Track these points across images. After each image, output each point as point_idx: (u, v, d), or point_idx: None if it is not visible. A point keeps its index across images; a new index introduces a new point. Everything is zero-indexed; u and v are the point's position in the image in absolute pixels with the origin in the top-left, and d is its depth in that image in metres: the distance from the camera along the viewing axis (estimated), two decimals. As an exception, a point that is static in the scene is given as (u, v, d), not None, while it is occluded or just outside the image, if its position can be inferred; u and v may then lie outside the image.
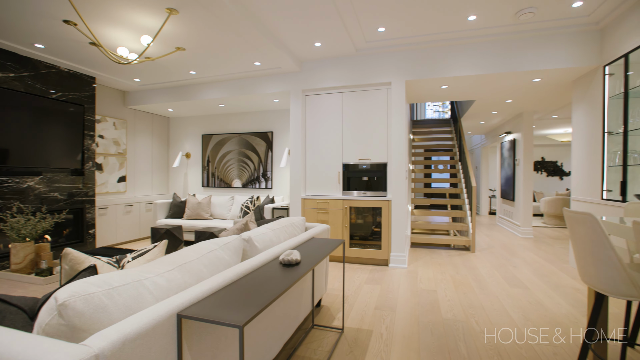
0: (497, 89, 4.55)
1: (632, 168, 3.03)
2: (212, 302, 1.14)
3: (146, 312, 0.97)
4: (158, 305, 1.03)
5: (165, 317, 0.99)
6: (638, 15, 2.92)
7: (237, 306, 1.11)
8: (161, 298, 1.12)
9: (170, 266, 1.27)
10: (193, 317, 1.02)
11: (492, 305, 2.87)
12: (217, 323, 0.99)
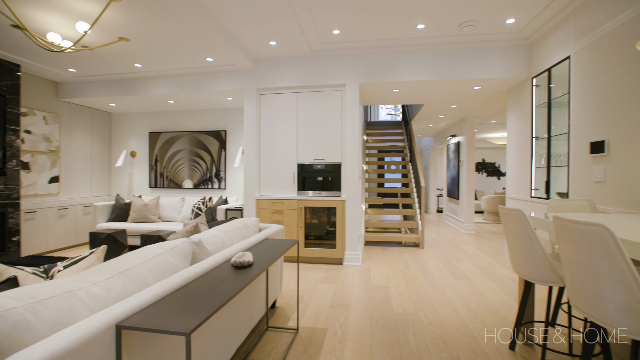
0: (443, 95, 4.85)
1: (554, 169, 3.41)
2: (157, 310, 1.08)
3: (78, 326, 0.89)
4: (93, 317, 0.94)
5: (102, 330, 0.92)
6: (559, 35, 3.29)
7: (184, 312, 1.06)
8: (98, 309, 1.03)
9: (109, 274, 1.17)
10: (134, 327, 0.95)
11: (439, 298, 3.05)
12: (161, 332, 0.94)
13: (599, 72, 2.71)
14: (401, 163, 7.04)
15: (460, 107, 5.73)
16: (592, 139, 2.77)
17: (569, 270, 1.34)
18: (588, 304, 1.27)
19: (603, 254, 1.15)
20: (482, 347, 2.18)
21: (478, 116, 6.54)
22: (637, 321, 1.12)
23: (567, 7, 3.06)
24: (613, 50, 2.57)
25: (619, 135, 2.49)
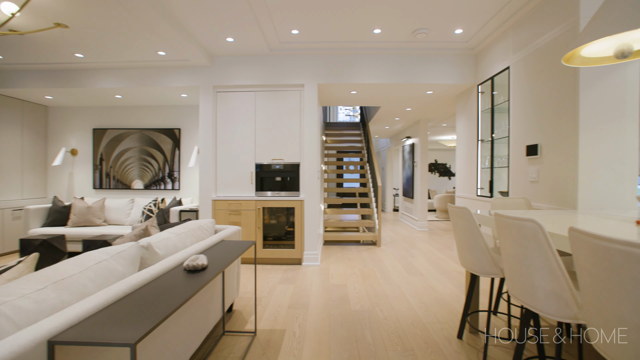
0: (399, 98, 5.05)
1: (497, 170, 3.69)
2: (98, 321, 0.99)
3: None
4: (19, 334, 0.85)
5: (30, 347, 0.83)
6: (500, 47, 3.58)
7: (129, 322, 0.99)
8: (26, 325, 0.93)
9: (40, 284, 1.06)
10: (69, 341, 0.87)
11: (394, 293, 3.17)
12: (102, 344, 0.87)
13: (533, 83, 2.99)
14: (359, 163, 7.21)
15: (414, 110, 6.00)
16: (527, 143, 3.05)
17: (508, 262, 1.46)
18: (523, 292, 1.39)
19: (535, 246, 1.26)
20: (434, 337, 2.30)
21: (431, 119, 6.90)
22: (562, 305, 1.25)
23: (506, 22, 3.34)
24: (544, 64, 2.85)
25: (549, 139, 2.77)
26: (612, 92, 2.46)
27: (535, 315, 1.67)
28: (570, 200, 2.52)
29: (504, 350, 2.14)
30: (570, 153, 2.54)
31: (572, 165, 2.52)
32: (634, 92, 2.46)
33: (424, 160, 6.90)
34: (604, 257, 0.91)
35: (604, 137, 2.46)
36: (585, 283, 1.03)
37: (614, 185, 2.46)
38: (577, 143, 2.46)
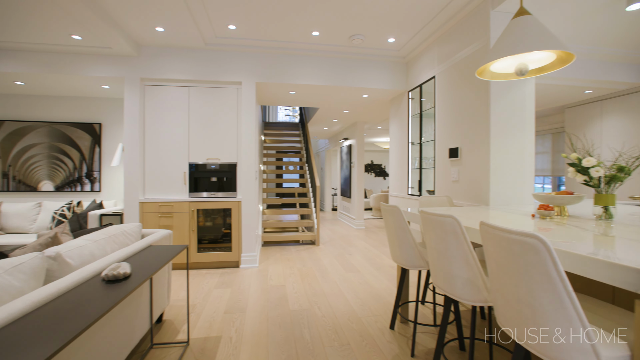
0: (337, 100, 5.20)
1: (425, 171, 4.01)
2: (-15, 348, 0.84)
3: None
4: None
5: None
6: (427, 57, 3.90)
7: (27, 347, 0.86)
8: None
9: None
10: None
11: (332, 291, 3.25)
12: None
13: (454, 92, 3.32)
14: (299, 164, 7.25)
15: (351, 113, 6.23)
16: (450, 146, 3.37)
17: (432, 255, 1.60)
18: (444, 281, 1.54)
19: (453, 240, 1.40)
20: (368, 330, 2.41)
21: (367, 122, 7.23)
22: (475, 291, 1.41)
23: (432, 35, 3.64)
24: (463, 76, 3.18)
25: (468, 143, 3.10)
26: (515, 104, 2.84)
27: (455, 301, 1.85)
28: (484, 198, 2.85)
29: (430, 336, 2.33)
30: (483, 156, 2.87)
31: (485, 167, 2.85)
32: (531, 104, 2.87)
33: (361, 161, 7.20)
34: (505, 246, 1.05)
35: (510, 143, 2.83)
36: (492, 270, 1.17)
37: (516, 184, 2.84)
38: (489, 147, 2.79)
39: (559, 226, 1.58)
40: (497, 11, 2.80)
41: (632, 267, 0.88)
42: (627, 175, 1.72)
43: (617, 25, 3.23)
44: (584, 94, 4.70)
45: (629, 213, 2.08)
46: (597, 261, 0.97)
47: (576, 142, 5.12)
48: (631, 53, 3.93)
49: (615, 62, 4.07)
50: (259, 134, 5.52)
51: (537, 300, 0.99)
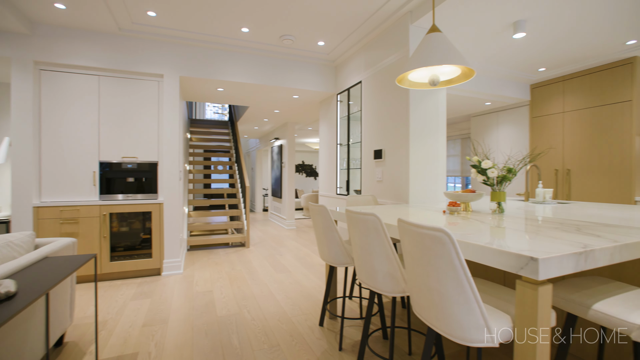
0: (267, 99, 5.14)
1: (352, 171, 4.20)
2: None
3: None
4: None
5: None
6: (355, 63, 4.09)
7: None
8: None
9: None
10: None
11: (262, 293, 3.20)
12: None
13: (379, 97, 3.54)
14: (228, 163, 6.98)
15: (282, 113, 6.22)
16: (375, 148, 3.59)
17: (356, 251, 1.68)
18: (367, 276, 1.63)
19: (375, 236, 1.50)
20: (298, 329, 2.43)
21: (298, 122, 7.29)
22: (394, 283, 1.52)
23: (359, 42, 3.84)
24: (386, 82, 3.41)
25: (390, 146, 3.33)
26: (430, 111, 3.15)
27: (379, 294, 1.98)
28: (405, 196, 3.10)
29: (357, 329, 2.45)
30: (404, 158, 3.12)
31: (405, 168, 3.09)
32: (443, 112, 3.21)
33: (292, 161, 7.23)
34: (418, 240, 1.15)
35: (426, 146, 3.13)
36: (408, 262, 1.28)
37: (431, 183, 3.15)
38: (409, 150, 3.05)
39: (464, 220, 1.80)
40: (415, 26, 3.07)
41: (513, 253, 1.04)
42: (514, 176, 2.04)
43: (507, 50, 3.80)
44: (485, 105, 5.43)
45: (516, 207, 2.47)
46: (489, 249, 1.13)
47: (478, 147, 5.90)
48: (519, 73, 4.67)
49: (507, 80, 4.79)
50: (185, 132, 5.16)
51: (444, 287, 1.11)
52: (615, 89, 4.07)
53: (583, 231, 1.43)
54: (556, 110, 4.70)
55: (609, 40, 3.60)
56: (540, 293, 1.01)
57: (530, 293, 1.03)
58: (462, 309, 1.08)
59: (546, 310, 1.03)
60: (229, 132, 7.71)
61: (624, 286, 1.43)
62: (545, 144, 4.85)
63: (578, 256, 1.06)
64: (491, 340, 1.07)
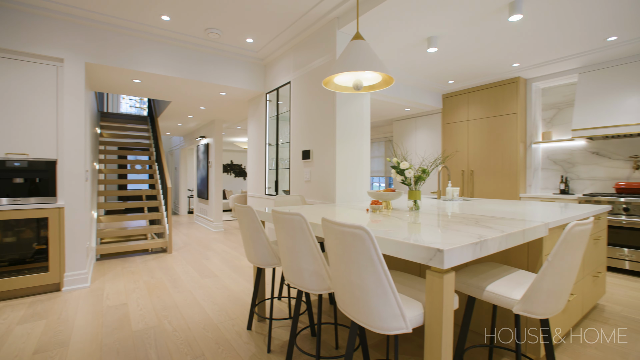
0: (192, 95, 4.83)
1: (281, 171, 4.19)
2: None
3: None
4: None
5: None
6: (284, 63, 4.09)
7: None
8: None
9: None
10: None
11: (185, 301, 3.00)
12: None
13: (307, 98, 3.60)
14: (147, 162, 6.38)
15: (209, 110, 5.92)
16: (303, 148, 3.63)
17: (283, 251, 1.68)
18: (294, 275, 1.64)
19: (301, 236, 1.51)
20: (225, 335, 2.33)
21: (226, 120, 7.01)
22: (320, 281, 1.56)
23: (289, 42, 3.84)
24: (314, 84, 3.48)
25: (318, 146, 3.41)
26: (355, 114, 3.30)
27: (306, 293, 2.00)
28: (332, 196, 3.19)
29: (286, 329, 2.45)
30: (331, 158, 3.22)
31: (332, 168, 3.20)
32: (367, 115, 3.40)
33: (219, 160, 6.93)
34: (341, 237, 1.20)
35: (351, 147, 3.27)
36: (332, 260, 1.32)
37: (357, 183, 3.31)
38: (335, 151, 3.15)
39: (385, 218, 1.93)
40: (342, 32, 3.19)
41: (423, 246, 1.15)
42: (427, 176, 2.25)
43: (423, 61, 4.20)
44: (405, 111, 5.90)
45: (430, 204, 2.73)
46: (404, 244, 1.22)
47: (397, 149, 6.40)
48: (433, 83, 5.19)
49: (423, 89, 5.28)
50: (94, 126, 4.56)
51: (364, 282, 1.17)
52: (505, 103, 4.79)
53: (480, 224, 1.64)
54: (462, 119, 5.35)
55: (500, 62, 4.23)
56: (445, 280, 1.14)
57: (437, 281, 1.15)
58: (381, 301, 1.16)
59: (450, 294, 1.16)
60: (148, 129, 7.06)
61: (509, 269, 1.69)
62: (454, 147, 5.48)
63: (475, 246, 1.21)
64: (405, 327, 1.17)
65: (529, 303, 1.29)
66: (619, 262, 3.71)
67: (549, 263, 1.24)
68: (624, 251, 3.67)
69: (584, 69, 4.26)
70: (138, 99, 10.09)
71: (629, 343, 2.23)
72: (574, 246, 1.28)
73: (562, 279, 1.30)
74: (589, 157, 4.46)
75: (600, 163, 4.36)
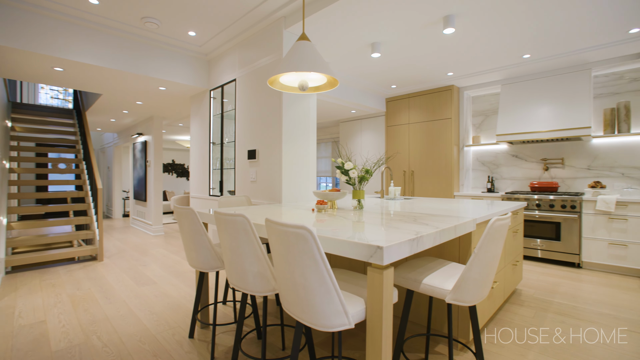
0: (126, 88, 4.45)
1: (226, 171, 4.05)
2: None
3: None
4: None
5: None
6: (229, 59, 3.95)
7: None
8: None
9: None
10: None
11: (119, 312, 2.75)
12: None
13: (253, 97, 3.52)
14: (73, 161, 5.73)
15: (146, 105, 5.50)
16: (249, 148, 3.55)
17: (226, 254, 1.62)
18: (238, 278, 1.59)
19: (244, 237, 1.47)
20: (164, 346, 2.19)
21: (166, 117, 6.58)
22: (265, 283, 1.54)
23: (234, 38, 3.73)
24: (260, 83, 3.42)
25: (264, 146, 3.36)
26: (302, 114, 3.32)
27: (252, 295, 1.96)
28: (278, 196, 3.17)
29: (231, 334, 2.37)
30: (277, 158, 3.19)
31: (278, 168, 3.17)
32: (314, 116, 3.44)
33: (159, 159, 6.48)
34: (284, 238, 1.19)
35: (298, 147, 3.28)
36: (276, 260, 1.31)
37: (303, 183, 3.33)
38: (281, 151, 3.13)
39: (330, 217, 1.96)
40: (289, 31, 3.18)
41: (364, 244, 1.19)
42: (370, 176, 2.34)
43: (368, 65, 4.36)
44: (351, 113, 6.08)
45: (374, 204, 2.85)
46: (347, 242, 1.26)
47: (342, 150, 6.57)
48: (377, 87, 5.41)
49: (368, 92, 5.49)
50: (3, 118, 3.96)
51: (308, 281, 1.18)
52: (442, 108, 5.18)
53: (418, 221, 1.75)
54: (404, 122, 5.66)
55: (436, 70, 4.56)
56: (385, 275, 1.19)
57: (378, 277, 1.20)
58: (324, 299, 1.17)
59: (389, 289, 1.22)
60: (74, 123, 6.34)
61: (444, 262, 1.82)
62: (396, 149, 5.78)
63: (412, 242, 1.29)
64: (348, 323, 1.20)
65: (459, 292, 1.41)
66: (533, 251, 4.22)
67: (475, 255, 1.37)
68: (537, 241, 4.19)
69: (505, 81, 4.77)
70: (62, 89, 9.01)
71: (538, 319, 2.56)
72: (495, 239, 1.43)
73: (486, 268, 1.44)
74: (510, 159, 5.01)
75: (518, 165, 4.92)
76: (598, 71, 4.16)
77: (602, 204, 3.72)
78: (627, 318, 2.60)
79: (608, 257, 3.74)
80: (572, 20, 3.14)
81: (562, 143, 4.52)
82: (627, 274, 3.69)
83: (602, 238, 3.76)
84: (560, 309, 2.77)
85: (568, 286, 3.34)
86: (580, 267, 3.97)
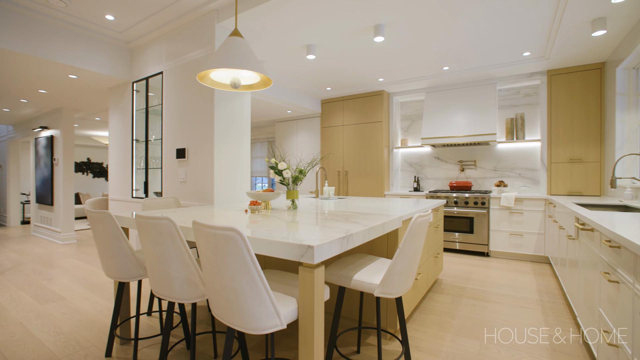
0: (25, 74, 3.82)
1: (152, 171, 3.74)
2: None
3: None
4: None
5: None
6: (155, 50, 3.64)
7: None
8: None
9: None
10: None
11: (13, 337, 2.34)
12: None
13: (182, 92, 3.30)
14: (-49, 158, 4.74)
15: (52, 95, 4.80)
16: (177, 146, 3.32)
17: (149, 261, 1.49)
18: (163, 286, 1.47)
19: (170, 242, 1.37)
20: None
21: (79, 110, 5.83)
22: (193, 289, 1.45)
23: (161, 27, 3.45)
24: (190, 77, 3.23)
25: (195, 145, 3.17)
26: (235, 113, 3.21)
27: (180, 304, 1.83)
28: (209, 197, 3.02)
29: (157, 347, 2.18)
30: (208, 158, 3.04)
31: (209, 168, 3.02)
32: (247, 115, 3.35)
33: (69, 157, 5.71)
34: (213, 241, 1.14)
35: (231, 146, 3.16)
36: (204, 265, 1.25)
37: (236, 184, 3.22)
38: (213, 150, 3.00)
39: (264, 218, 1.93)
40: (222, 26, 3.06)
41: (295, 244, 1.20)
42: (304, 176, 2.37)
43: (303, 67, 4.40)
44: (287, 113, 6.07)
45: (308, 204, 2.88)
46: (278, 242, 1.25)
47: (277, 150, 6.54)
48: (313, 88, 5.49)
49: (304, 93, 5.54)
50: None
51: (238, 284, 1.14)
52: (373, 112, 5.46)
53: (349, 220, 1.82)
54: (338, 123, 5.84)
55: (368, 75, 4.80)
56: (316, 274, 1.21)
57: (309, 276, 1.21)
58: (255, 302, 1.15)
59: (320, 287, 1.24)
60: (-47, 113, 5.25)
61: (373, 258, 1.92)
62: (331, 150, 5.93)
63: (342, 240, 1.33)
64: (280, 324, 1.19)
65: (386, 286, 1.50)
66: (452, 244, 4.70)
67: (399, 250, 1.47)
68: (455, 235, 4.67)
69: (429, 90, 5.23)
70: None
71: (454, 305, 2.86)
72: (418, 234, 1.55)
73: (410, 262, 1.56)
74: (433, 161, 5.50)
75: (440, 166, 5.43)
76: (502, 85, 4.79)
77: (505, 200, 4.30)
78: (523, 297, 3.05)
79: (509, 245, 4.33)
80: (480, 40, 3.57)
81: (475, 147, 5.11)
82: (523, 259, 4.33)
83: (505, 229, 4.35)
84: (473, 294, 3.13)
85: (479, 273, 3.79)
86: (489, 255, 4.53)
